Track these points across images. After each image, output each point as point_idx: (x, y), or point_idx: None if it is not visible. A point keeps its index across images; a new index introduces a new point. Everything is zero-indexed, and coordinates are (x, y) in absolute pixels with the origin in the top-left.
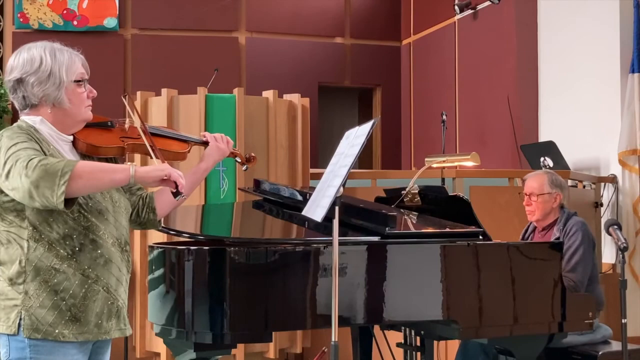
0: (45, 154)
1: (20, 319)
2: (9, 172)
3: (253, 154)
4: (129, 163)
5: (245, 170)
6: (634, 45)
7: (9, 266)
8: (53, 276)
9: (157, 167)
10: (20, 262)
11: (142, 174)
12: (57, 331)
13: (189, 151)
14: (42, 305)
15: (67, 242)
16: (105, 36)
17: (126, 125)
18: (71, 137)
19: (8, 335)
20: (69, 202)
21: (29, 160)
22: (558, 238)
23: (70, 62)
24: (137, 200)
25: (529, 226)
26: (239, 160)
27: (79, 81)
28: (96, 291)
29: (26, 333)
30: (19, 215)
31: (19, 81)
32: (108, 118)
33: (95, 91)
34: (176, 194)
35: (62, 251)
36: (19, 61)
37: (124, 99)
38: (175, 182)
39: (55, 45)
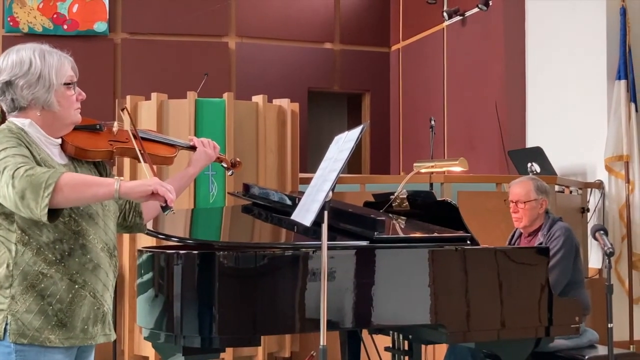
0: (35, 159)
1: (7, 324)
2: None
3: (238, 159)
4: (116, 177)
5: (230, 175)
6: (620, 52)
7: None
8: (40, 281)
9: (143, 182)
10: (7, 266)
11: (127, 190)
12: (43, 336)
13: (176, 155)
14: (29, 310)
15: (57, 247)
16: (95, 40)
17: (115, 129)
18: (59, 141)
19: None
20: (53, 214)
21: (16, 170)
22: (542, 243)
23: (60, 64)
24: (124, 204)
25: (515, 231)
26: (225, 165)
27: (69, 84)
28: (83, 296)
29: (12, 338)
30: (7, 218)
31: (8, 84)
32: (97, 121)
33: (84, 94)
34: (165, 208)
35: (50, 255)
36: (7, 63)
37: (122, 113)
38: (164, 197)
39: (45, 48)
